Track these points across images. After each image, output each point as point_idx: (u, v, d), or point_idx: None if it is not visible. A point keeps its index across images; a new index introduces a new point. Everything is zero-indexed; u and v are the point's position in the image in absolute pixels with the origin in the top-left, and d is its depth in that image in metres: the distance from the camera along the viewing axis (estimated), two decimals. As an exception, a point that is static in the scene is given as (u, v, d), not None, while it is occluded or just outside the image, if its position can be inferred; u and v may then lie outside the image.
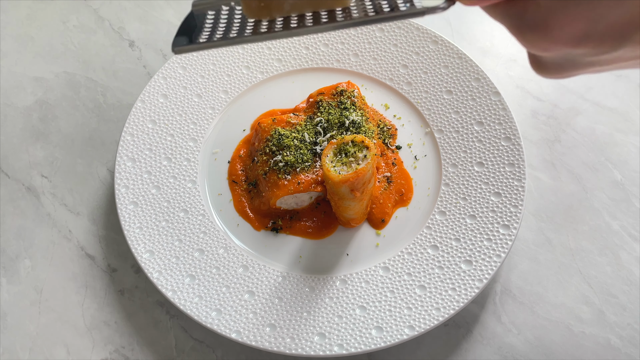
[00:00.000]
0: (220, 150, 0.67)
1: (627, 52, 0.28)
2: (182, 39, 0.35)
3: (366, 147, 0.54)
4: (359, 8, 0.33)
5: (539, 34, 0.29)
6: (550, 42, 0.29)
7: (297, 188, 0.59)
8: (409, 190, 0.63)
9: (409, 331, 0.53)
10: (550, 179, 0.66)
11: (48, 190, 0.67)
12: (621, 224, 0.63)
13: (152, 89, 0.68)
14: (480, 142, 0.64)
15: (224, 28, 0.35)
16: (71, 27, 0.81)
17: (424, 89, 0.69)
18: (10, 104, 0.74)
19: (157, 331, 0.58)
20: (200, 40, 0.35)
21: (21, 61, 0.78)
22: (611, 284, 0.59)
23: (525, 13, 0.29)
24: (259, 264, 0.59)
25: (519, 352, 0.56)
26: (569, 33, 0.28)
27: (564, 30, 0.28)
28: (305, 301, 0.56)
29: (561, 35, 0.28)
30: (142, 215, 0.61)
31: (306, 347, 0.53)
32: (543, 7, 0.28)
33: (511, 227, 0.58)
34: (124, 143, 0.65)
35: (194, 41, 0.35)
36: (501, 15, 0.31)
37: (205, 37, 0.35)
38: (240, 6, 0.36)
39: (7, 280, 0.62)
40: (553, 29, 0.28)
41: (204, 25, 0.36)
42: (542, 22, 0.28)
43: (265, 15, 0.34)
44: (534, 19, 0.29)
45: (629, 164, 0.67)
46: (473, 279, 0.55)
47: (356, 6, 0.34)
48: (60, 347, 0.58)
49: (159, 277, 0.56)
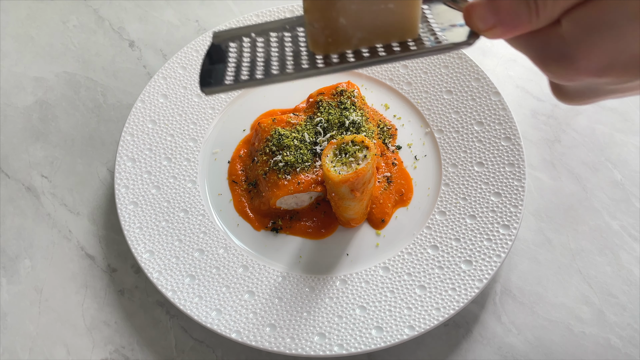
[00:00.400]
0: (220, 150, 0.67)
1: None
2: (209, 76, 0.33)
3: (366, 147, 0.54)
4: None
5: (563, 65, 0.29)
6: (574, 73, 0.29)
7: (297, 188, 0.59)
8: (409, 190, 0.63)
9: (409, 331, 0.53)
10: (550, 179, 0.66)
11: (48, 190, 0.67)
12: (621, 224, 0.63)
13: (152, 89, 0.68)
14: (480, 142, 0.64)
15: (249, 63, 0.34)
16: (71, 27, 0.81)
17: (424, 89, 0.69)
18: (10, 104, 0.74)
19: (157, 331, 0.58)
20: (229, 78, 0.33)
21: (21, 61, 0.78)
22: (611, 284, 0.59)
23: (549, 44, 0.29)
24: (259, 264, 0.59)
25: (519, 352, 0.56)
26: (593, 64, 0.28)
27: (589, 61, 0.28)
28: (305, 301, 0.56)
29: (586, 66, 0.28)
30: (142, 215, 0.61)
31: (306, 347, 0.53)
32: (567, 39, 0.28)
33: (511, 227, 0.58)
34: (124, 143, 0.65)
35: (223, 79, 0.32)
36: (525, 47, 0.31)
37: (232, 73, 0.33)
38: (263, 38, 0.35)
39: (7, 280, 0.62)
40: (577, 60, 0.28)
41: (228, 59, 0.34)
42: (567, 54, 0.29)
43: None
44: (558, 50, 0.29)
45: (629, 164, 0.67)
46: (473, 279, 0.55)
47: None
48: (60, 347, 0.58)
49: (159, 277, 0.56)
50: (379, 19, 0.32)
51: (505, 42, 0.32)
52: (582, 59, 0.28)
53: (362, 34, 0.32)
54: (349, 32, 0.32)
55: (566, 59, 0.29)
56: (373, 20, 0.32)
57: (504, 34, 0.30)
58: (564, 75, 0.30)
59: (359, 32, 0.32)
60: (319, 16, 0.32)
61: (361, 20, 0.32)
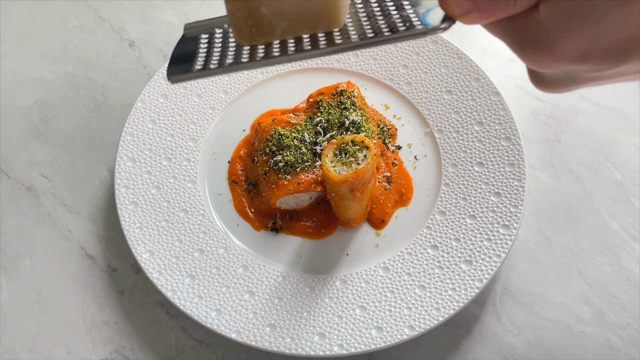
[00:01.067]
0: (220, 150, 0.67)
1: (629, 67, 0.28)
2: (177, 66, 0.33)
3: (366, 147, 0.54)
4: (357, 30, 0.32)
5: (540, 52, 0.29)
6: (552, 59, 0.29)
7: (297, 188, 0.59)
8: (409, 190, 0.63)
9: (409, 331, 0.53)
10: (550, 179, 0.66)
11: (48, 190, 0.67)
12: (621, 224, 0.63)
13: (152, 89, 0.68)
14: (480, 142, 0.64)
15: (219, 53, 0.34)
16: (71, 27, 0.81)
17: (424, 89, 0.69)
18: (10, 104, 0.74)
19: (157, 331, 0.58)
20: (197, 67, 0.33)
21: (21, 61, 0.78)
22: (611, 284, 0.59)
23: (527, 30, 0.29)
24: (259, 264, 0.59)
25: (519, 352, 0.56)
26: (571, 50, 0.28)
27: (566, 48, 0.28)
28: (305, 301, 0.56)
29: (563, 52, 0.28)
30: (142, 215, 0.61)
31: (306, 347, 0.53)
32: (545, 25, 0.28)
33: (511, 227, 0.58)
34: (124, 143, 0.65)
35: (190, 69, 0.33)
36: (502, 33, 0.30)
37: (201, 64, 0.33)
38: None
39: (7, 280, 0.62)
40: (555, 46, 0.28)
41: (198, 50, 0.34)
42: (544, 40, 0.28)
43: (257, 41, 0.33)
44: (535, 36, 0.28)
45: (629, 164, 0.67)
46: (473, 279, 0.55)
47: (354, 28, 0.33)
48: (60, 347, 0.58)
49: (159, 277, 0.56)
50: (301, 8, 0.31)
51: (481, 27, 0.31)
52: (559, 45, 0.28)
53: (285, 23, 0.32)
54: (272, 22, 0.32)
55: (543, 45, 0.28)
56: (296, 10, 0.31)
57: (481, 19, 0.29)
58: (541, 61, 0.29)
59: (283, 21, 0.32)
60: (240, 6, 0.31)
61: (284, 9, 0.31)
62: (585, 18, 0.26)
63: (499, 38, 0.31)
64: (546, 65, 0.30)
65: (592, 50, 0.27)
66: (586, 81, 0.31)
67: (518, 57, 0.31)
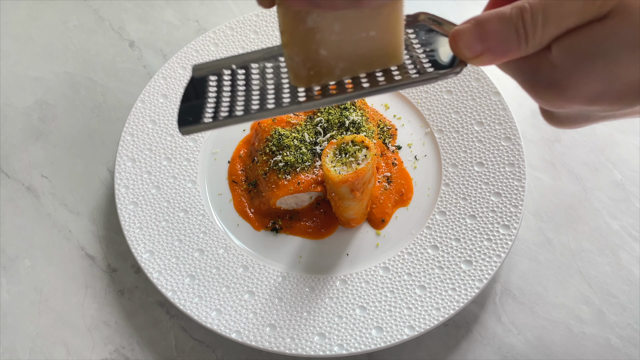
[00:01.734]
0: (220, 150, 0.67)
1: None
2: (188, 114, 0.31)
3: (366, 147, 0.54)
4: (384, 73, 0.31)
5: (553, 93, 0.28)
6: (565, 100, 0.28)
7: (297, 188, 0.59)
8: (409, 190, 0.63)
9: (409, 331, 0.53)
10: (550, 179, 0.66)
11: (48, 190, 0.67)
12: (621, 224, 0.63)
13: (152, 89, 0.68)
14: (480, 142, 0.64)
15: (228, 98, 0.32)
16: (71, 27, 0.81)
17: (424, 89, 0.69)
18: (10, 104, 0.74)
19: (157, 331, 0.58)
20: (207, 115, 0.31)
21: (21, 61, 0.78)
22: (611, 284, 0.59)
23: (539, 71, 0.28)
24: (259, 264, 0.59)
25: (519, 352, 0.56)
26: (584, 92, 0.27)
27: (579, 90, 0.27)
28: (305, 301, 0.56)
29: (576, 94, 0.28)
30: (142, 215, 0.61)
31: (306, 347, 0.53)
32: (558, 66, 0.27)
33: (511, 227, 0.58)
34: (124, 143, 0.65)
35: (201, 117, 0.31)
36: (514, 72, 0.30)
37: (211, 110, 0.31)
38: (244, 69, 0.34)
39: (7, 280, 0.62)
40: (568, 88, 0.28)
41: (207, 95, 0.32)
42: (557, 81, 0.28)
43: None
44: (548, 77, 0.28)
45: (629, 164, 0.67)
46: (473, 279, 0.55)
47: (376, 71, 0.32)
48: (60, 347, 0.58)
49: (159, 277, 0.56)
50: (361, 47, 0.30)
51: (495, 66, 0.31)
52: (572, 87, 0.27)
53: (344, 64, 0.31)
54: (331, 63, 0.31)
55: (556, 87, 0.28)
56: (355, 50, 0.30)
57: (492, 62, 0.29)
58: (554, 102, 0.29)
59: (342, 62, 0.31)
60: (298, 50, 0.30)
61: (342, 50, 0.30)
62: (598, 61, 0.26)
63: (510, 76, 0.31)
64: (559, 106, 0.29)
65: (606, 93, 0.27)
66: (599, 119, 0.31)
67: (530, 97, 0.30)
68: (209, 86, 0.33)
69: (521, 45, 0.27)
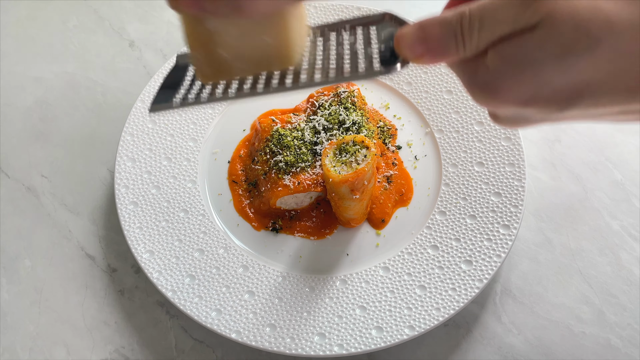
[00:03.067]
0: (220, 150, 0.67)
1: (575, 113, 0.30)
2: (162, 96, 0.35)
3: (366, 147, 0.54)
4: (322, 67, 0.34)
5: (488, 94, 0.30)
6: (499, 102, 0.30)
7: (297, 188, 0.59)
8: (409, 190, 0.63)
9: (409, 331, 0.53)
10: (550, 179, 0.66)
11: (48, 190, 0.67)
12: (621, 224, 0.63)
13: (152, 89, 0.68)
14: (480, 142, 0.64)
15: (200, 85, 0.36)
16: (71, 27, 0.81)
17: (424, 89, 0.69)
18: (10, 104, 0.74)
19: (157, 331, 0.58)
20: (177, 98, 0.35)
21: (21, 61, 0.78)
22: (611, 284, 0.59)
23: (476, 73, 0.30)
24: (259, 264, 0.59)
25: (519, 352, 0.56)
26: (516, 96, 0.29)
27: (511, 93, 0.29)
28: (305, 301, 0.56)
29: (509, 97, 0.29)
30: (142, 215, 0.61)
31: (306, 347, 0.53)
32: (492, 70, 0.29)
33: (511, 227, 0.58)
34: (124, 143, 0.65)
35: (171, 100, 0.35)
36: (456, 70, 0.32)
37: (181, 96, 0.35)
38: None
39: (7, 280, 0.62)
40: (501, 91, 0.29)
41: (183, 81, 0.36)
42: (491, 84, 0.30)
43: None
44: (483, 80, 0.30)
45: (629, 164, 0.67)
46: (473, 279, 0.55)
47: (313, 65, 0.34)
48: (60, 347, 0.58)
49: (159, 277, 0.56)
50: (257, 50, 0.33)
51: None
52: (505, 90, 0.29)
53: (243, 64, 0.34)
54: (231, 64, 0.34)
55: (490, 89, 0.30)
56: (252, 52, 0.33)
57: (432, 62, 0.31)
58: (488, 103, 0.31)
59: (241, 63, 0.34)
60: (200, 50, 0.33)
61: (241, 52, 0.33)
62: (527, 68, 0.28)
63: (455, 74, 0.33)
64: (494, 106, 0.31)
65: (536, 97, 0.29)
66: (538, 121, 0.32)
67: (470, 97, 0.32)
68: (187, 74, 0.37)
69: (459, 49, 0.29)
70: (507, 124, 0.34)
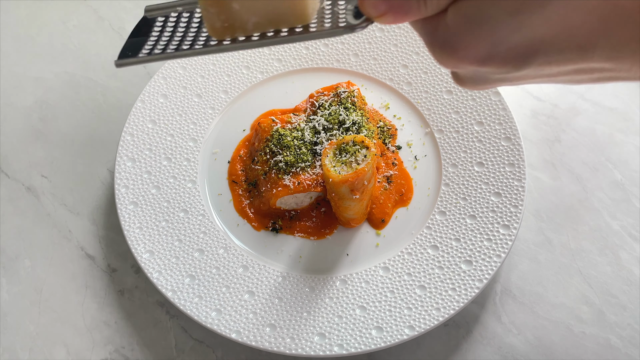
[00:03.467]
0: (220, 150, 0.67)
1: (531, 72, 0.30)
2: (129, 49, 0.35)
3: (366, 147, 0.54)
4: None
5: (446, 53, 0.31)
6: (457, 60, 0.31)
7: (297, 188, 0.59)
8: (409, 190, 0.63)
9: (409, 331, 0.53)
10: (550, 179, 0.66)
11: (48, 190, 0.67)
12: (621, 224, 0.63)
13: (152, 89, 0.68)
14: (480, 142, 0.64)
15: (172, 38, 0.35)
16: (71, 27, 0.81)
17: (424, 89, 0.69)
18: (10, 104, 0.74)
19: (157, 331, 0.58)
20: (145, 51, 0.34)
21: (21, 61, 0.78)
22: (611, 284, 0.59)
23: (437, 31, 0.31)
24: (259, 264, 0.59)
25: (519, 352, 0.56)
26: (472, 54, 0.30)
27: (469, 51, 0.30)
28: (305, 301, 0.56)
29: (466, 55, 0.30)
30: (142, 215, 0.61)
31: (306, 347, 0.53)
32: (451, 28, 0.30)
33: (511, 227, 0.58)
34: (124, 143, 0.65)
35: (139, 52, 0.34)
36: (418, 30, 0.33)
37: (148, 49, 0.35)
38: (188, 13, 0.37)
39: (7, 280, 0.62)
40: (459, 49, 0.30)
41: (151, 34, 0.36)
42: (450, 42, 0.30)
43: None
44: (443, 38, 0.30)
45: (629, 164, 0.67)
46: (473, 279, 0.55)
47: None
48: (60, 347, 0.58)
49: (159, 277, 0.57)
50: (271, 4, 0.33)
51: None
52: (462, 48, 0.30)
53: (256, 18, 0.33)
54: (244, 17, 0.33)
55: (449, 47, 0.30)
56: (266, 6, 0.33)
57: (395, 21, 0.31)
58: (448, 61, 0.31)
59: (254, 17, 0.33)
60: (213, 1, 0.33)
61: (254, 5, 0.33)
62: (483, 26, 0.28)
63: (418, 34, 0.33)
64: (453, 65, 0.32)
65: (492, 55, 0.29)
66: (496, 81, 0.33)
67: (430, 55, 0.33)
68: (155, 26, 0.37)
69: (420, 7, 0.30)
70: (468, 84, 0.34)
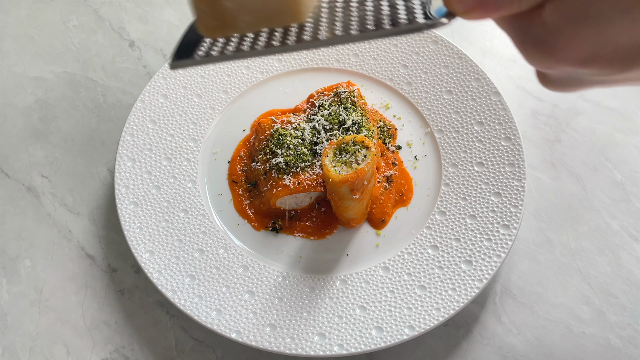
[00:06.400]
0: (220, 150, 0.67)
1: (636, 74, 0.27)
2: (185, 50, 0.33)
3: (366, 147, 0.54)
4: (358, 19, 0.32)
5: (542, 52, 0.28)
6: (554, 61, 0.28)
7: (297, 188, 0.59)
8: (409, 190, 0.63)
9: (409, 331, 0.53)
10: (550, 179, 0.66)
11: (48, 190, 0.67)
12: (621, 224, 0.63)
13: (152, 89, 0.68)
14: (480, 142, 0.64)
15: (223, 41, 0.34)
16: (71, 27, 0.81)
17: (424, 89, 0.69)
18: (10, 104, 0.74)
19: (157, 331, 0.58)
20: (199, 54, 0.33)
21: (21, 61, 0.78)
22: (611, 284, 0.59)
23: (531, 29, 0.28)
24: (259, 264, 0.59)
25: (519, 352, 0.56)
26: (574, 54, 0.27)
27: (569, 51, 0.27)
28: (305, 301, 0.56)
29: (566, 55, 0.27)
30: (142, 215, 0.61)
31: (306, 347, 0.53)
32: (549, 25, 0.27)
33: (511, 227, 0.58)
34: (124, 143, 0.65)
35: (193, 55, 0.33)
36: (507, 28, 0.30)
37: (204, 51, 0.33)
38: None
39: (7, 280, 0.62)
40: (557, 48, 0.27)
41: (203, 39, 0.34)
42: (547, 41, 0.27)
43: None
44: (538, 36, 0.27)
45: (629, 164, 0.67)
46: (473, 279, 0.55)
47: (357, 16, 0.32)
48: (60, 347, 0.58)
49: (159, 277, 0.56)
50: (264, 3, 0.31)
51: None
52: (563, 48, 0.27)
53: (248, 17, 0.32)
54: (235, 15, 0.32)
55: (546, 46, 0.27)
56: (258, 4, 0.31)
57: (483, 17, 0.28)
58: (543, 62, 0.29)
59: (245, 15, 0.32)
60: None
61: (247, 3, 0.31)
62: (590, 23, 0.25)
63: (503, 31, 0.30)
64: (548, 66, 0.29)
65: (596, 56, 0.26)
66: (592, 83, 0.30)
67: (520, 54, 0.30)
68: None
69: (513, 3, 0.27)
70: (557, 86, 0.31)
